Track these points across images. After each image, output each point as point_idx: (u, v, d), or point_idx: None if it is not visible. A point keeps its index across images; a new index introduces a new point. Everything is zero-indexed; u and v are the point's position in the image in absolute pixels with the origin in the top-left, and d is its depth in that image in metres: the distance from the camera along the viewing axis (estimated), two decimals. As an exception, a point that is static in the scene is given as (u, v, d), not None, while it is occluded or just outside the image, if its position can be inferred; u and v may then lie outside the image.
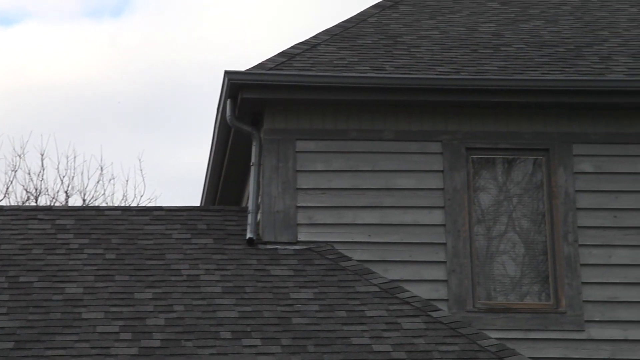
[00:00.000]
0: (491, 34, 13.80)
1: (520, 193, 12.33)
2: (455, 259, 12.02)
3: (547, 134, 12.37)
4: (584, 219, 12.21)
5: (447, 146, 12.30)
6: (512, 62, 12.88)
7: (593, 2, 15.10)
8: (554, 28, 14.03)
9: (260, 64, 12.40)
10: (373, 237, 12.04)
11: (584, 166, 12.34)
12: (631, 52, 13.24)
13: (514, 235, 12.25)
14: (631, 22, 14.39)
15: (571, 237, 12.13)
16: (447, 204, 12.16)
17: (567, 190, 12.24)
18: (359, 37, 13.43)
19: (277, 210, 12.04)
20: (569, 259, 12.07)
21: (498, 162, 12.40)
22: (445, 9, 14.57)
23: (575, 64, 12.87)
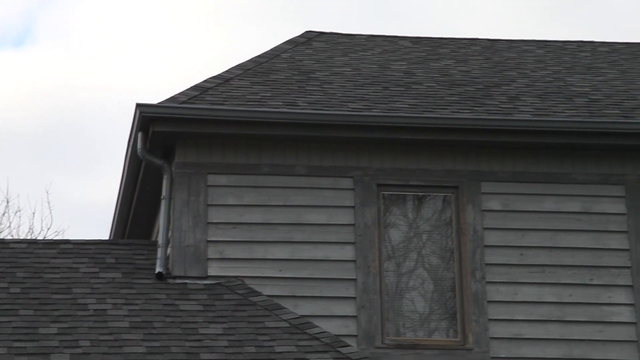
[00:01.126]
0: (403, 72, 13.32)
1: (429, 230, 11.81)
2: (365, 295, 11.44)
3: (456, 171, 11.87)
4: (491, 256, 11.73)
5: (359, 182, 11.74)
6: (422, 100, 12.38)
7: (501, 43, 14.75)
8: (464, 67, 13.61)
9: (172, 97, 11.76)
10: (284, 272, 11.42)
11: (492, 204, 11.86)
12: (538, 93, 12.83)
13: (423, 272, 11.71)
14: (538, 63, 14.02)
15: (479, 274, 11.62)
16: (358, 240, 11.58)
17: (475, 227, 11.74)
18: (272, 73, 12.84)
19: (187, 244, 11.37)
20: (477, 296, 11.56)
21: (408, 199, 11.86)
22: (357, 47, 14.08)
23: (484, 103, 12.41)
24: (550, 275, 11.72)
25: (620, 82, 13.44)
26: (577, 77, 13.57)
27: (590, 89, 13.11)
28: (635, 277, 11.75)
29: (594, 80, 13.47)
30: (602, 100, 12.70)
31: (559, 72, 13.76)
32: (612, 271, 11.78)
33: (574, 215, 11.90)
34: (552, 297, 11.66)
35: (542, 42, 14.99)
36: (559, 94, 12.88)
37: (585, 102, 12.62)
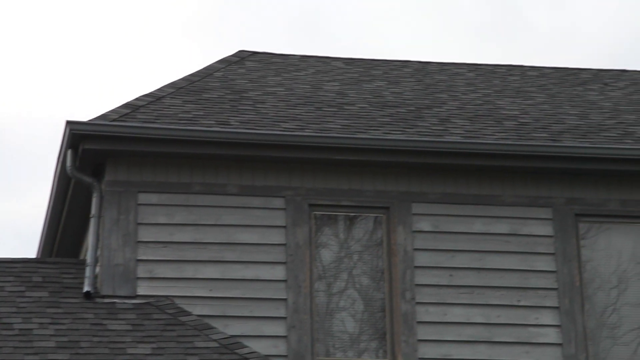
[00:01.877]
0: (335, 92, 12.93)
1: (360, 250, 11.41)
2: (295, 315, 11.01)
3: (387, 192, 11.49)
4: (421, 277, 11.36)
5: (290, 202, 11.32)
6: (355, 121, 11.99)
7: (433, 66, 14.43)
8: (396, 89, 13.25)
9: (103, 115, 11.25)
10: (214, 291, 10.95)
11: (422, 225, 11.50)
12: (468, 115, 12.50)
13: (353, 292, 11.31)
14: (469, 86, 13.72)
15: (409, 295, 11.24)
16: (289, 260, 11.15)
17: (406, 248, 11.37)
18: (204, 91, 12.37)
19: (116, 263, 10.86)
20: (406, 316, 11.18)
21: (340, 219, 11.46)
22: (291, 67, 13.67)
23: (416, 124, 12.05)
24: (479, 296, 11.39)
25: (549, 106, 13.18)
26: (506, 101, 13.29)
27: (519, 113, 12.83)
28: (562, 299, 11.47)
29: (523, 104, 13.19)
30: (531, 124, 12.42)
31: (489, 95, 13.48)
32: (539, 293, 11.48)
33: (503, 237, 11.59)
34: (480, 318, 11.33)
35: (472, 66, 14.72)
36: (489, 116, 12.58)
37: (515, 125, 12.33)
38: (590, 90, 13.99)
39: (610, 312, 11.59)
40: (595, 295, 11.58)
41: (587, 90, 13.98)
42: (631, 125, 12.53)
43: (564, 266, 11.55)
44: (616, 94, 13.91)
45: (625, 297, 11.62)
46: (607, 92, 13.98)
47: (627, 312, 11.59)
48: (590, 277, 11.62)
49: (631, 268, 11.70)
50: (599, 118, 12.77)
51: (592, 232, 11.77)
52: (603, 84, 14.32)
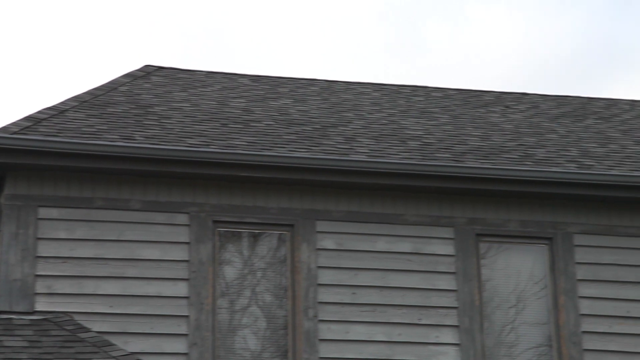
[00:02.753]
0: (241, 109, 12.46)
1: (264, 267, 10.95)
2: (197, 332, 10.49)
3: (292, 209, 11.05)
4: (324, 294, 10.94)
5: (194, 218, 10.81)
6: (261, 138, 11.54)
7: (339, 84, 14.06)
8: (302, 107, 12.83)
9: (3, 128, 10.62)
10: (114, 308, 10.39)
11: (326, 243, 11.08)
12: (374, 135, 12.13)
13: (256, 309, 10.84)
14: (374, 105, 13.36)
15: (311, 312, 10.81)
16: (192, 277, 10.64)
17: (310, 266, 10.94)
18: (109, 105, 11.80)
19: (14, 278, 10.24)
20: (308, 334, 10.74)
21: (244, 236, 10.99)
22: (197, 82, 13.17)
23: (321, 143, 11.64)
24: (381, 314, 11.01)
25: (452, 127, 12.88)
26: (411, 121, 12.96)
27: (423, 133, 12.51)
28: (462, 317, 11.15)
29: (427, 124, 12.88)
30: (435, 144, 12.10)
31: (394, 115, 13.14)
32: (439, 311, 11.15)
33: (405, 255, 11.23)
34: (382, 336, 10.95)
35: (378, 85, 14.39)
36: (394, 136, 12.23)
37: (419, 145, 12.00)
38: (493, 112, 13.76)
39: (508, 330, 11.33)
40: (494, 314, 11.31)
41: (490, 112, 13.74)
42: (531, 147, 12.30)
43: (464, 285, 11.25)
44: (517, 116, 13.69)
45: (523, 316, 11.37)
46: (509, 114, 13.76)
47: (524, 330, 11.34)
48: (490, 296, 11.35)
49: (529, 288, 11.45)
50: (500, 140, 12.52)
51: (492, 252, 11.50)
52: (505, 107, 14.10)
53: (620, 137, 13.07)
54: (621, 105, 14.70)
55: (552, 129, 13.21)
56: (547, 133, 12.98)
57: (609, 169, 11.64)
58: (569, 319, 11.29)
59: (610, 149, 12.49)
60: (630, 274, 11.50)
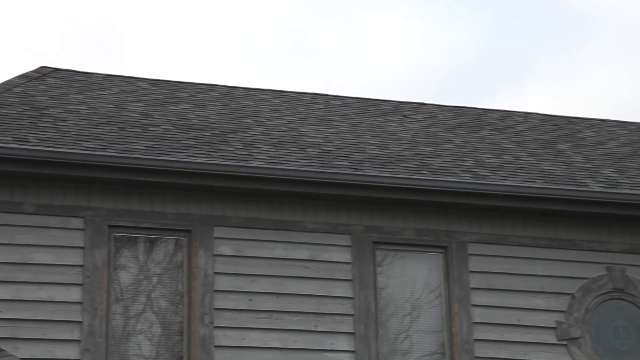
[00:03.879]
0: (140, 113, 12.08)
1: (160, 273, 10.59)
2: (90, 338, 10.10)
3: (189, 215, 10.72)
4: (220, 301, 10.63)
5: (90, 222, 10.41)
6: (159, 142, 11.18)
7: (239, 91, 13.78)
8: (202, 112, 12.51)
9: None
10: (5, 313, 9.93)
11: (224, 249, 10.78)
12: (273, 141, 11.87)
13: (151, 315, 10.47)
14: (274, 112, 13.10)
15: (207, 319, 10.49)
16: (86, 282, 10.24)
17: (207, 272, 10.62)
18: (2, 107, 11.32)
19: None
20: (204, 340, 10.43)
21: (140, 241, 10.62)
22: (94, 85, 12.75)
23: (220, 148, 11.33)
24: (277, 321, 10.74)
25: (351, 135, 12.69)
26: (310, 128, 12.74)
27: (322, 140, 12.29)
28: (357, 325, 10.95)
29: (326, 132, 12.67)
30: (333, 152, 11.89)
31: (294, 122, 12.90)
32: (335, 318, 10.93)
33: (302, 262, 10.99)
34: (277, 342, 10.69)
35: (278, 92, 14.14)
36: (293, 143, 11.98)
37: (318, 153, 11.78)
38: (391, 122, 13.62)
39: (403, 338, 11.18)
40: (389, 322, 11.14)
41: (388, 121, 13.60)
42: (428, 157, 12.18)
43: (360, 292, 11.05)
44: (415, 126, 13.57)
45: (417, 324, 11.22)
46: (407, 123, 13.64)
47: (419, 338, 11.20)
48: (385, 304, 11.18)
49: (424, 296, 11.30)
50: (398, 149, 12.37)
51: (388, 260, 11.33)
52: (403, 116, 13.99)
53: (514, 149, 13.04)
54: (515, 117, 14.70)
55: (448, 139, 13.12)
56: (444, 143, 12.89)
57: (502, 180, 11.59)
58: (462, 326, 11.19)
59: (504, 160, 12.44)
60: (522, 283, 11.44)
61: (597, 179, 12.03)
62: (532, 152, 12.95)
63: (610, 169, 12.54)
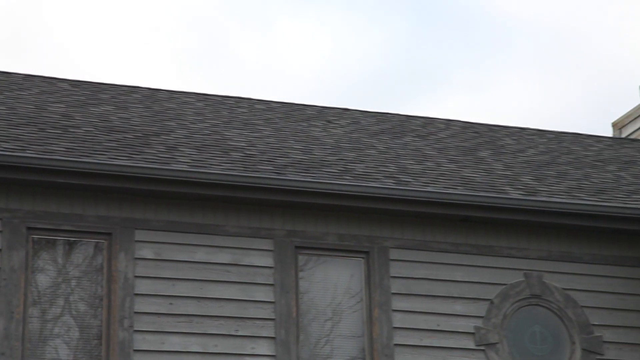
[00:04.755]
0: (60, 114, 11.78)
1: (79, 276, 10.32)
2: (6, 342, 9.79)
3: (110, 218, 10.47)
4: (140, 304, 10.39)
5: (7, 224, 10.10)
6: (80, 144, 10.90)
7: (162, 93, 13.53)
8: (124, 114, 12.25)
9: None
10: None
11: (145, 252, 10.54)
12: (196, 145, 11.66)
13: (69, 319, 10.19)
14: (197, 115, 12.88)
15: (127, 323, 10.25)
16: (2, 284, 9.93)
17: (127, 275, 10.37)
18: None
19: None
20: (123, 344, 10.18)
21: (59, 244, 10.33)
22: (14, 85, 12.43)
23: (143, 151, 11.09)
24: (198, 325, 10.54)
25: (275, 140, 12.53)
26: (234, 132, 12.55)
27: (246, 144, 12.11)
28: (278, 329, 10.79)
29: (250, 136, 12.49)
30: (257, 156, 11.72)
31: (217, 125, 12.70)
32: (256, 323, 10.76)
33: (224, 266, 10.80)
34: (197, 347, 10.48)
35: (202, 95, 13.92)
36: (216, 147, 11.79)
37: (241, 157, 11.60)
38: (315, 127, 13.50)
39: (323, 343, 11.05)
40: (310, 326, 11.00)
41: (311, 126, 13.48)
42: (351, 162, 12.08)
43: (282, 297, 10.90)
44: (338, 131, 13.46)
45: (338, 329, 11.10)
46: (330, 129, 13.52)
47: (339, 343, 11.07)
48: (307, 309, 11.05)
49: (345, 301, 11.19)
50: (321, 154, 12.25)
51: (310, 265, 11.19)
52: (326, 121, 13.87)
53: (435, 155, 13.00)
54: (437, 124, 14.68)
55: (371, 144, 13.04)
56: (367, 149, 12.80)
57: (424, 186, 11.53)
58: (382, 331, 11.10)
59: (426, 166, 12.39)
60: (442, 289, 11.39)
61: (516, 186, 12.03)
62: (454, 159, 12.92)
63: (529, 176, 12.56)
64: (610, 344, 11.59)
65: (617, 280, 11.83)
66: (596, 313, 11.65)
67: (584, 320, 11.62)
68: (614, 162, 13.83)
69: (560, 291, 11.69)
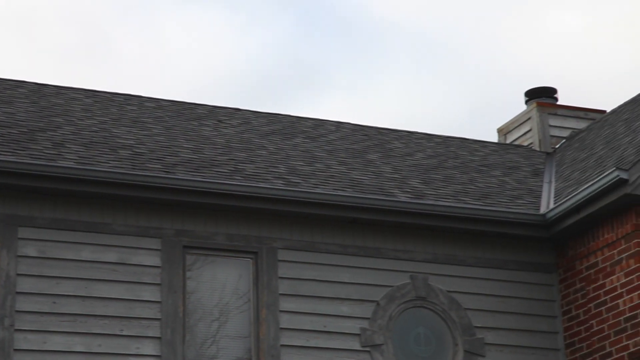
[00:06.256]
0: (-56, 107, 11.31)
1: (-41, 274, 9.88)
2: None
3: (-7, 214, 10.06)
4: (22, 303, 10.00)
5: None
6: (-37, 138, 10.45)
7: (49, 88, 13.10)
8: (9, 109, 11.80)
9: None
10: None
11: (28, 250, 10.15)
12: (84, 141, 11.29)
13: (-53, 318, 9.75)
14: (85, 112, 12.49)
15: (7, 322, 9.85)
16: None
17: (9, 273, 9.98)
18: None
19: None
20: (3, 344, 9.78)
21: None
22: None
23: (28, 147, 10.68)
24: (82, 324, 10.18)
25: (164, 138, 12.21)
26: (123, 130, 12.19)
27: (135, 142, 11.77)
28: (164, 329, 10.50)
29: (139, 134, 12.15)
30: (146, 154, 11.40)
31: (106, 122, 12.32)
32: (142, 322, 10.45)
33: (110, 265, 10.46)
34: (81, 346, 10.12)
35: (90, 92, 13.51)
36: (105, 144, 11.42)
37: (130, 155, 11.26)
38: (205, 126, 13.23)
39: (210, 343, 10.80)
40: (196, 327, 10.74)
41: (202, 126, 13.20)
42: (241, 162, 11.85)
43: (168, 297, 10.61)
44: (229, 131, 13.22)
45: (225, 329, 10.86)
46: (221, 128, 13.27)
47: (225, 344, 10.84)
48: (194, 308, 10.78)
49: (233, 301, 10.96)
50: (211, 153, 11.98)
51: (198, 264, 10.93)
52: (217, 121, 13.61)
53: (325, 157, 12.86)
54: (328, 125, 14.55)
55: (262, 145, 12.84)
56: (257, 149, 12.59)
57: (314, 187, 11.38)
58: (269, 332, 10.90)
59: (316, 168, 12.24)
60: (328, 290, 11.25)
61: (404, 189, 11.97)
62: (343, 161, 12.80)
63: (417, 180, 12.51)
64: (491, 346, 11.59)
65: (500, 283, 11.84)
66: (479, 315, 11.65)
67: (467, 323, 11.60)
68: (498, 167, 13.88)
69: (444, 293, 11.65)
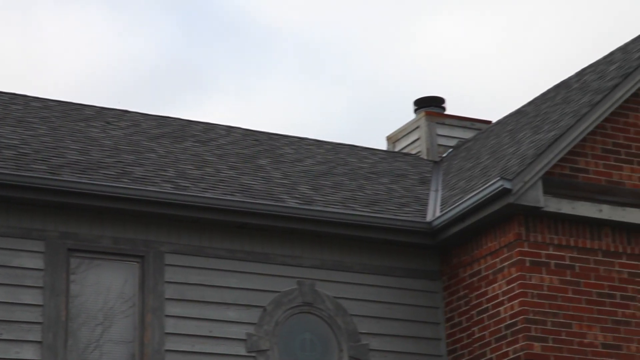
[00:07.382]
0: None
1: None
2: None
3: None
4: None
5: None
6: None
7: None
8: None
9: None
10: None
11: None
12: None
13: None
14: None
15: None
16: None
17: None
18: None
19: None
20: None
21: None
22: None
23: None
24: (-42, 329, 9.83)
25: (50, 139, 11.87)
26: (7, 129, 11.81)
27: (19, 142, 11.41)
28: (46, 333, 10.20)
29: (24, 134, 11.78)
30: (31, 155, 11.05)
31: (-10, 121, 11.93)
32: (22, 326, 10.13)
33: (-9, 267, 10.13)
34: (-41, 351, 9.77)
35: (-22, 91, 13.09)
36: (-13, 143, 11.05)
37: (14, 155, 10.90)
38: (93, 127, 12.91)
39: (93, 347, 10.51)
40: (79, 331, 10.45)
41: (90, 127, 12.88)
42: (129, 164, 11.58)
43: (51, 300, 10.30)
44: (117, 133, 12.92)
45: (109, 333, 10.59)
46: (109, 130, 12.96)
47: (109, 348, 10.57)
48: (77, 312, 10.49)
49: (118, 305, 10.69)
50: (99, 155, 11.68)
51: (83, 268, 10.64)
52: (105, 122, 13.30)
53: (215, 161, 12.67)
54: (218, 130, 14.35)
55: (151, 148, 12.57)
56: (146, 152, 12.32)
57: (203, 191, 11.18)
58: (154, 337, 10.66)
59: (205, 172, 12.04)
60: (216, 295, 11.06)
61: (294, 195, 11.85)
62: (233, 166, 12.63)
63: (306, 186, 12.41)
64: (376, 352, 11.54)
65: (386, 290, 11.81)
66: (364, 321, 11.59)
67: (352, 329, 11.53)
68: (387, 174, 13.87)
69: (331, 299, 11.56)
